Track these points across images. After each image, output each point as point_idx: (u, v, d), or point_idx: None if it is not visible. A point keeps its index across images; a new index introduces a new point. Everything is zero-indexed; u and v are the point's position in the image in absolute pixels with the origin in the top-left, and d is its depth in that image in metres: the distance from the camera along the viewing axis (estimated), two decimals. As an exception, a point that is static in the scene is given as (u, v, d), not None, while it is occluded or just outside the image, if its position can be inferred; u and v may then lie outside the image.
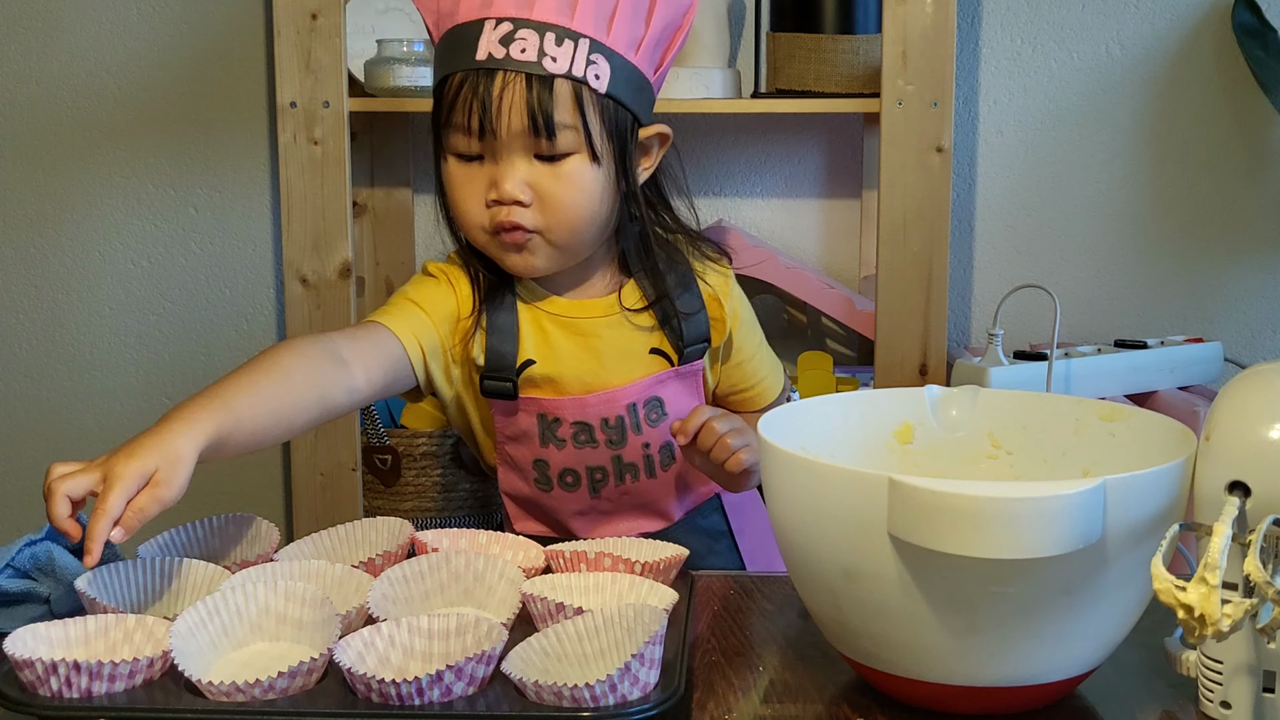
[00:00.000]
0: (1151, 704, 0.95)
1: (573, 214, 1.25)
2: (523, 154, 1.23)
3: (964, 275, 2.20)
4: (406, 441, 1.98)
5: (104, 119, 2.22)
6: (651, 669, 0.87)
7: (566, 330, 1.32)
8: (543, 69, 1.20)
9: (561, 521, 1.38)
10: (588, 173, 1.24)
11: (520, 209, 1.24)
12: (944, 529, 0.82)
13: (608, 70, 1.23)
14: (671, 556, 1.07)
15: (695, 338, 1.35)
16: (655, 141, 1.31)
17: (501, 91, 1.21)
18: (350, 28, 1.91)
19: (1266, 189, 2.15)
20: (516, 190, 1.23)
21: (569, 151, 1.23)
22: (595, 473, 1.34)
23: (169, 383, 2.28)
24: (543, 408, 1.31)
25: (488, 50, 1.21)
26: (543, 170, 1.24)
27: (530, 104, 1.21)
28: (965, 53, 2.14)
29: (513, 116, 1.21)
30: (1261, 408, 0.87)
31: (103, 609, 0.97)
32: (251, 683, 0.86)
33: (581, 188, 1.24)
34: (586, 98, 1.22)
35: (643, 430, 1.33)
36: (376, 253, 2.23)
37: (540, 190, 1.24)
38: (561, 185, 1.24)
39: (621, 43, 1.24)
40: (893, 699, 0.94)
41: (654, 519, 1.39)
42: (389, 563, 1.07)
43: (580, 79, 1.22)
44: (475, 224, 1.27)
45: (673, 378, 1.34)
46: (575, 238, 1.27)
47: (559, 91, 1.21)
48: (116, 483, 0.96)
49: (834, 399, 1.11)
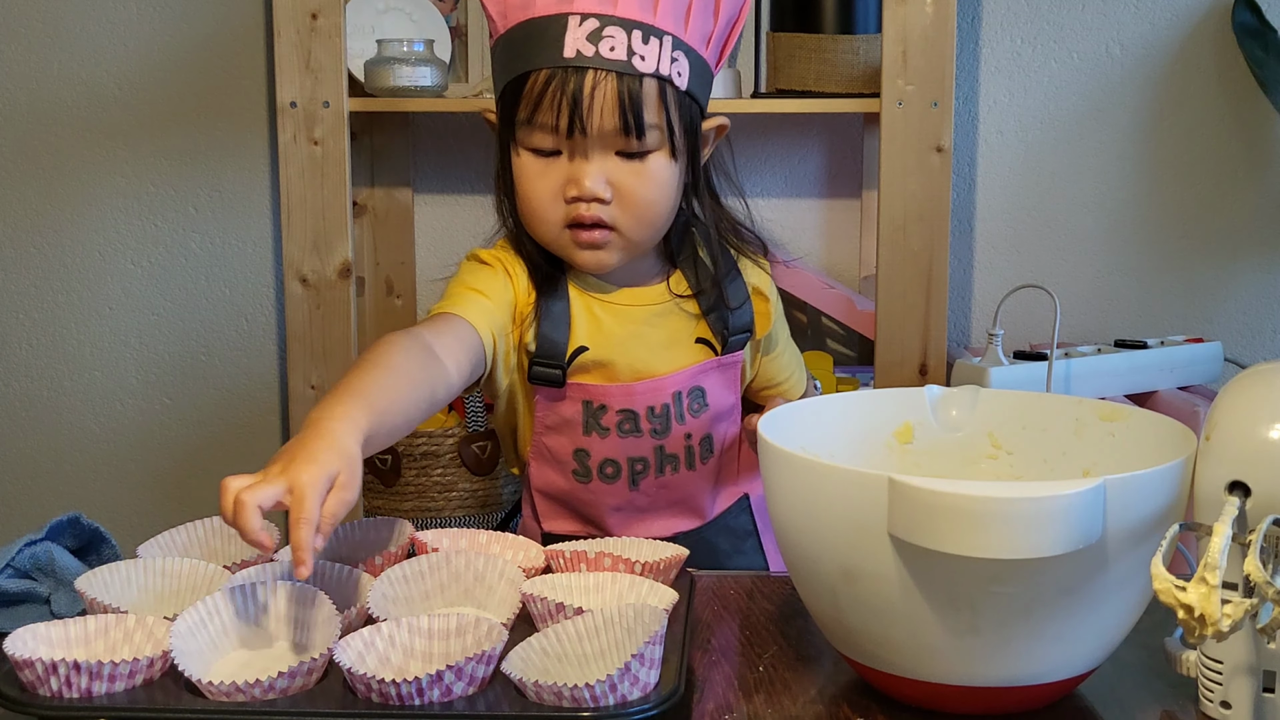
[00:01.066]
0: (1151, 704, 0.95)
1: (651, 210, 1.26)
2: (605, 151, 1.23)
3: (964, 275, 2.20)
4: (406, 441, 1.98)
5: (104, 119, 2.22)
6: (651, 669, 0.87)
7: (619, 318, 1.32)
8: (632, 68, 1.21)
9: (596, 518, 1.36)
10: (667, 169, 1.25)
11: (600, 205, 1.24)
12: (944, 529, 0.82)
13: (687, 67, 1.24)
14: (671, 556, 1.07)
15: (740, 327, 1.35)
16: (713, 133, 1.33)
17: (593, 90, 1.21)
18: (350, 28, 1.91)
19: (1266, 189, 2.15)
20: (599, 188, 1.23)
21: (653, 149, 1.24)
22: (636, 464, 1.33)
23: (169, 383, 2.28)
24: (589, 394, 1.31)
25: (575, 47, 1.21)
26: (623, 167, 1.24)
27: (622, 103, 1.21)
28: (965, 53, 2.14)
29: (604, 116, 1.21)
30: (1261, 408, 0.87)
31: (103, 609, 0.97)
32: (251, 683, 0.86)
33: (660, 184, 1.25)
34: (670, 95, 1.23)
35: (685, 420, 1.34)
36: (376, 253, 2.23)
37: (620, 187, 1.24)
38: (642, 182, 1.24)
39: (696, 38, 1.25)
40: (893, 699, 0.94)
41: (688, 517, 1.38)
42: (389, 563, 1.07)
43: (665, 77, 1.22)
44: (549, 219, 1.27)
45: (715, 368, 1.35)
46: (651, 233, 1.28)
47: (647, 90, 1.22)
48: (309, 490, 0.94)
49: (834, 399, 1.11)
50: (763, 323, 1.38)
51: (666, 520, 1.37)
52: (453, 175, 2.24)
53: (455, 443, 1.97)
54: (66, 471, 2.31)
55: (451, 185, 2.25)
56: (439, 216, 2.25)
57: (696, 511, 1.38)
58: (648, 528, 1.36)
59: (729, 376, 1.37)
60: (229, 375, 2.28)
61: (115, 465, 2.30)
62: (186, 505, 2.28)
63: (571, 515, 1.38)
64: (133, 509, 2.30)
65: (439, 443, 1.98)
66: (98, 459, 2.30)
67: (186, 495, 2.30)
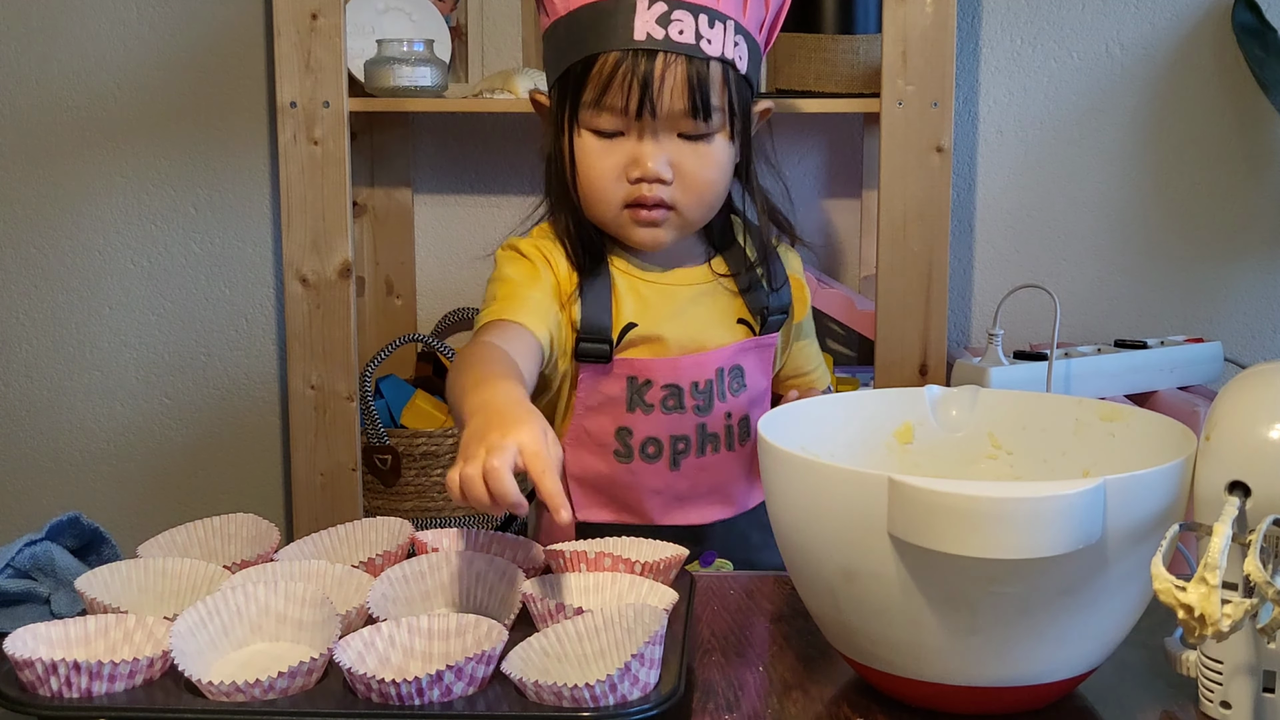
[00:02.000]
0: (1151, 704, 0.95)
1: (709, 191, 1.30)
2: (670, 133, 1.27)
3: (964, 275, 2.20)
4: (406, 441, 1.98)
5: (104, 119, 2.22)
6: (651, 669, 0.87)
7: (664, 297, 1.35)
8: (701, 51, 1.24)
9: (635, 503, 1.35)
10: (725, 151, 1.29)
11: (662, 185, 1.27)
12: (944, 529, 0.82)
13: (746, 51, 1.28)
14: (671, 556, 1.07)
15: (778, 308, 1.38)
16: (757, 116, 1.36)
17: (663, 73, 1.24)
18: (350, 28, 1.91)
19: (1266, 189, 2.15)
20: (663, 169, 1.27)
21: (715, 131, 1.28)
22: (679, 442, 1.34)
23: (169, 383, 2.28)
24: (634, 369, 1.32)
25: (646, 30, 1.24)
26: (686, 149, 1.27)
27: (691, 86, 1.24)
28: (965, 53, 2.14)
29: (674, 98, 1.24)
30: (1261, 408, 0.87)
31: (103, 609, 0.97)
32: (251, 683, 0.86)
33: (719, 165, 1.29)
34: (733, 79, 1.27)
35: (726, 398, 1.35)
36: (376, 253, 2.23)
37: (681, 168, 1.28)
38: (702, 163, 1.28)
39: (753, 23, 1.29)
40: (893, 699, 0.94)
41: (725, 505, 1.38)
42: (389, 563, 1.07)
43: (730, 61, 1.26)
44: (609, 199, 1.29)
45: (753, 349, 1.37)
46: (707, 213, 1.32)
47: (713, 74, 1.26)
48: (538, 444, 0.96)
49: (834, 399, 1.11)
50: (800, 307, 1.42)
51: (704, 508, 1.37)
52: (453, 175, 2.24)
53: (455, 443, 1.97)
54: (66, 471, 2.31)
55: (451, 185, 2.25)
56: (439, 216, 2.25)
57: (732, 499, 1.38)
58: (685, 514, 1.36)
59: (764, 359, 1.38)
60: (229, 375, 2.28)
61: (115, 465, 2.30)
62: (186, 505, 2.28)
63: (609, 503, 1.36)
64: (133, 509, 2.30)
65: (439, 443, 1.98)
66: (98, 459, 2.30)
67: (186, 495, 2.30)
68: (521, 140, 2.22)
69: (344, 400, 1.91)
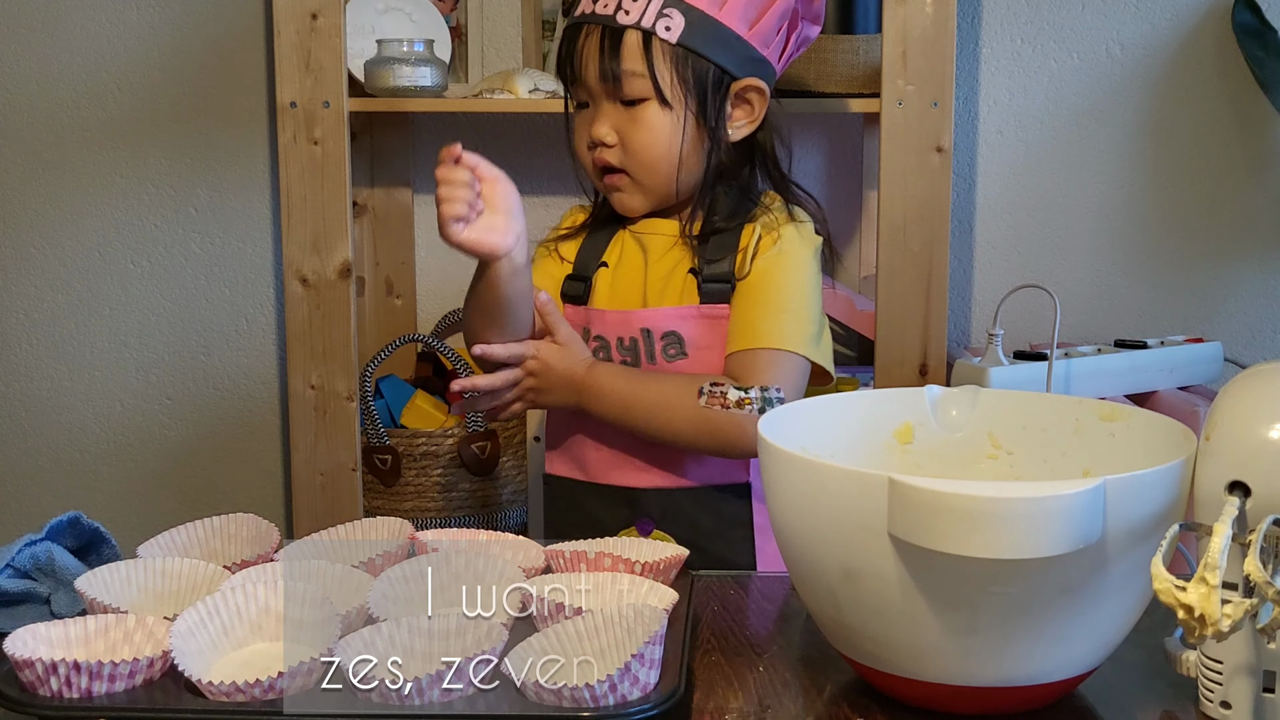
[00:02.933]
0: (1151, 704, 0.95)
1: (649, 154, 1.38)
2: (608, 100, 1.38)
3: (964, 275, 2.20)
4: (406, 441, 1.98)
5: (104, 119, 2.22)
6: (651, 669, 0.87)
7: (636, 246, 1.44)
8: (615, 22, 1.35)
9: (581, 457, 1.42)
10: (659, 117, 1.37)
11: (607, 150, 1.39)
12: (944, 529, 0.82)
13: (681, 23, 1.35)
14: (671, 556, 1.07)
15: (715, 276, 1.40)
16: (753, 95, 1.41)
17: (584, 42, 1.38)
18: (350, 28, 1.91)
19: (1266, 189, 2.15)
20: (603, 133, 1.38)
21: (641, 97, 1.37)
22: None
23: (169, 383, 2.28)
24: (582, 317, 1.42)
25: (583, 7, 1.39)
26: (624, 115, 1.38)
27: (600, 52, 1.36)
28: (965, 53, 2.14)
29: (589, 64, 1.37)
30: (1261, 408, 0.87)
31: (103, 609, 0.97)
32: (251, 683, 0.86)
33: (653, 130, 1.37)
34: (656, 47, 1.35)
35: (657, 361, 1.39)
36: (376, 253, 2.23)
37: (622, 133, 1.38)
38: (637, 128, 1.38)
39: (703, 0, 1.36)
40: (893, 699, 0.94)
41: (662, 473, 1.40)
42: (389, 563, 1.07)
43: (649, 30, 1.35)
44: (585, 164, 1.43)
45: (696, 316, 1.39)
46: (656, 177, 1.40)
47: (628, 41, 1.35)
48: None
49: (834, 399, 1.11)
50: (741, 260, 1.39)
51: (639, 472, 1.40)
52: (453, 175, 2.24)
53: (455, 443, 1.97)
54: (66, 471, 2.31)
55: (451, 185, 2.24)
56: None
57: (668, 468, 1.40)
58: (622, 475, 1.40)
59: (716, 332, 1.39)
60: (229, 375, 2.28)
61: (115, 465, 2.30)
62: (186, 505, 2.28)
63: (566, 455, 1.45)
64: (133, 509, 2.30)
65: (439, 443, 1.98)
66: (98, 459, 2.30)
67: (186, 495, 2.30)
68: (522, 140, 2.22)
69: (344, 400, 1.91)
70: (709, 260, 1.40)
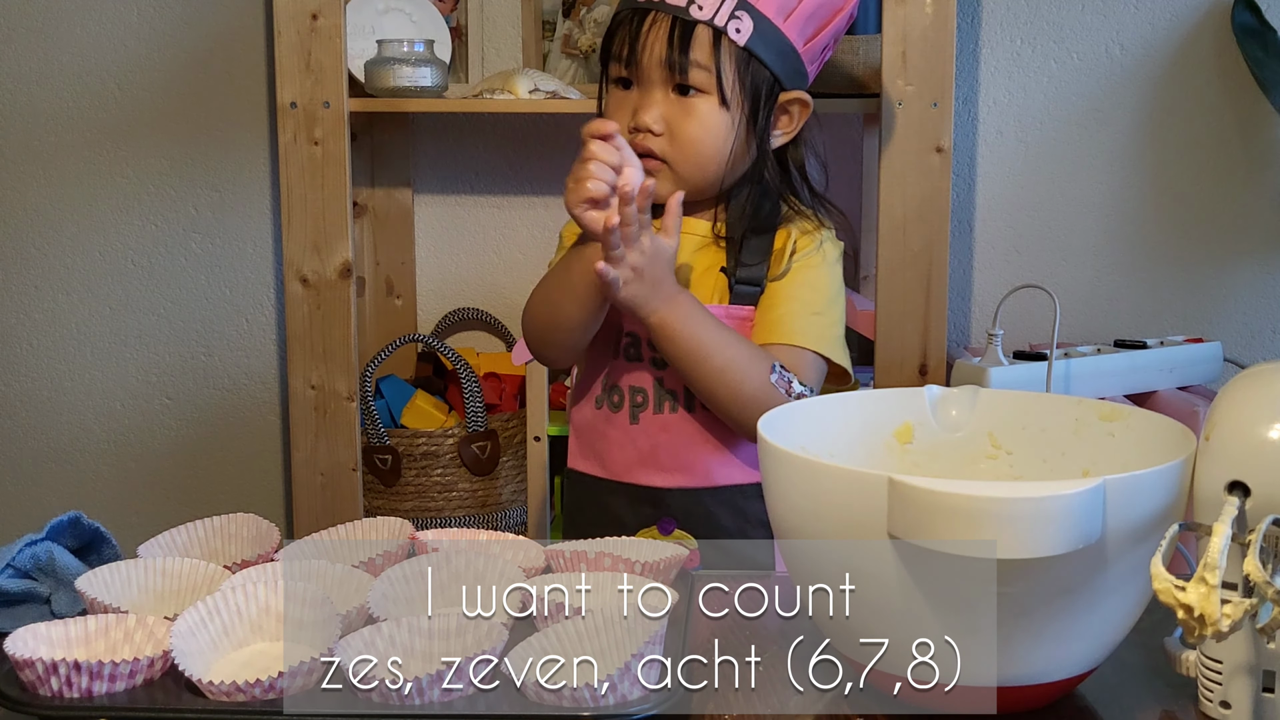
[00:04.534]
0: (1151, 704, 0.95)
1: (697, 149, 1.37)
2: (661, 88, 1.37)
3: (964, 275, 2.20)
4: (406, 441, 1.98)
5: (104, 119, 2.22)
6: (651, 669, 0.87)
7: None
8: (688, 14, 1.35)
9: (606, 455, 1.42)
10: (715, 114, 1.37)
11: (652, 138, 1.37)
12: (944, 529, 0.82)
13: (750, 27, 1.36)
14: (671, 556, 1.07)
15: (748, 278, 1.41)
16: (796, 108, 1.43)
17: (650, 28, 1.36)
18: (350, 28, 1.91)
19: (1266, 189, 2.15)
20: (651, 120, 1.37)
21: (700, 90, 1.36)
22: (637, 394, 1.40)
23: (169, 383, 2.28)
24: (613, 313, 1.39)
25: None
26: (677, 105, 1.37)
27: (670, 41, 1.35)
28: (965, 53, 2.14)
29: (655, 49, 1.36)
30: (1261, 408, 0.87)
31: (103, 609, 0.97)
32: (252, 682, 0.86)
33: (707, 127, 1.37)
34: (724, 46, 1.36)
35: None
36: (376, 253, 2.23)
37: (671, 123, 1.37)
38: (690, 121, 1.37)
39: (771, 8, 1.37)
40: (893, 699, 0.94)
41: (687, 474, 1.40)
42: (389, 563, 1.07)
43: (720, 28, 1.35)
44: None
45: (724, 316, 1.39)
46: (698, 171, 1.39)
47: (698, 35, 1.35)
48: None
49: (834, 399, 1.11)
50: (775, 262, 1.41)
51: (665, 472, 1.40)
52: (453, 175, 2.24)
53: (455, 443, 1.97)
54: (66, 471, 2.31)
55: (451, 185, 2.25)
56: (439, 216, 2.25)
57: (694, 469, 1.40)
58: (648, 475, 1.40)
59: (742, 331, 1.39)
60: (229, 375, 2.28)
61: (115, 465, 2.30)
62: (186, 505, 2.28)
63: (590, 453, 1.44)
64: (133, 509, 2.30)
65: (439, 443, 1.98)
66: (98, 459, 2.30)
67: (186, 495, 2.30)
68: (522, 140, 2.22)
69: (344, 400, 1.91)
70: (743, 263, 1.40)
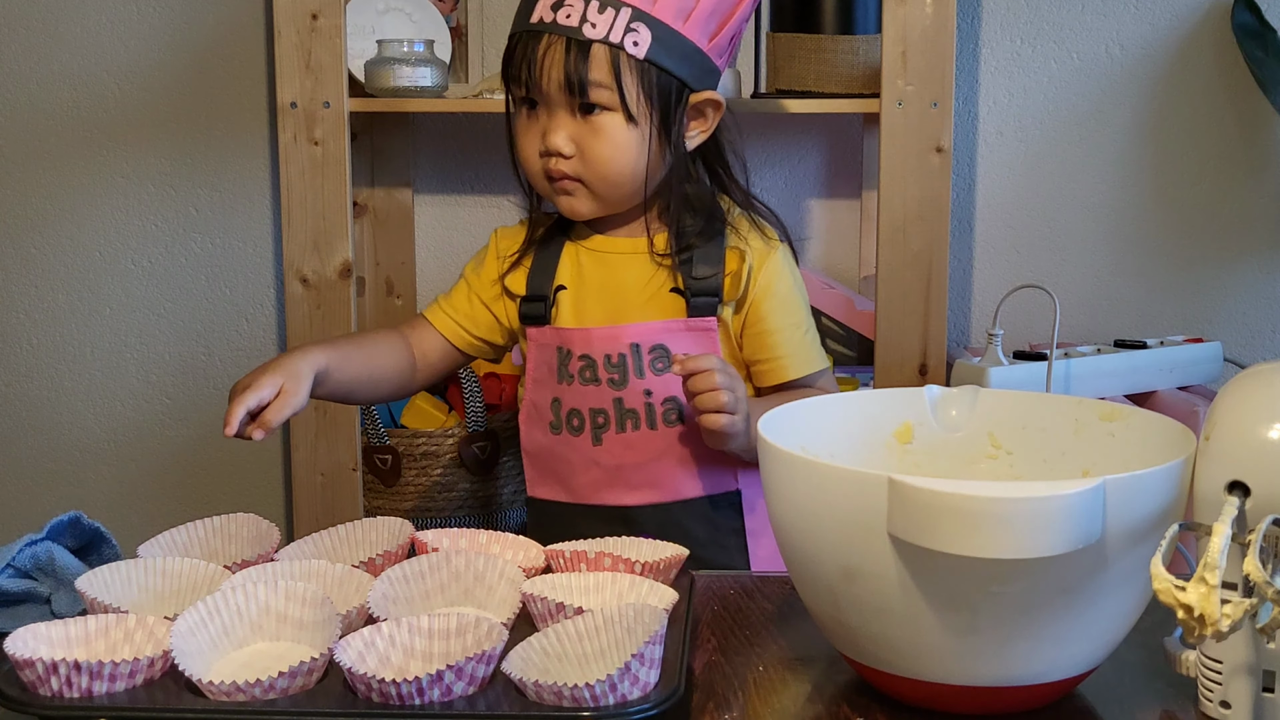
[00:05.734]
0: (1151, 704, 0.95)
1: (609, 167, 1.37)
2: (566, 110, 1.36)
3: (964, 275, 2.20)
4: (406, 441, 1.98)
5: (104, 119, 2.22)
6: (651, 669, 0.87)
7: (597, 264, 1.43)
8: (582, 34, 1.33)
9: (569, 479, 1.41)
10: (622, 131, 1.36)
11: (564, 160, 1.37)
12: (944, 529, 0.82)
13: (648, 38, 1.34)
14: (671, 556, 1.07)
15: (704, 289, 1.40)
16: (709, 108, 1.41)
17: (545, 52, 1.34)
18: (350, 28, 1.91)
19: (1266, 189, 2.15)
20: (560, 143, 1.36)
21: (605, 108, 1.35)
22: (598, 416, 1.39)
23: (169, 383, 2.28)
24: (561, 338, 1.40)
25: (540, 15, 1.35)
26: (583, 126, 1.36)
27: (567, 64, 1.33)
28: (965, 53, 2.14)
29: (553, 73, 1.34)
30: (1261, 408, 0.87)
31: (103, 609, 0.97)
32: (252, 682, 0.86)
33: (616, 144, 1.36)
34: (624, 62, 1.34)
35: (645, 375, 1.38)
36: (376, 253, 2.23)
37: (581, 144, 1.37)
38: (599, 140, 1.36)
39: (669, 13, 1.34)
40: (893, 699, 0.94)
41: (656, 489, 1.40)
42: (389, 563, 1.07)
43: (617, 45, 1.33)
44: (532, 170, 1.41)
45: (684, 329, 1.39)
46: (614, 188, 1.39)
47: (595, 55, 1.33)
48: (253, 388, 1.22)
49: (834, 399, 1.11)
50: (731, 283, 1.41)
51: (634, 490, 1.40)
52: (453, 175, 2.24)
53: (455, 443, 1.98)
54: (66, 471, 2.31)
55: (451, 185, 2.25)
56: (439, 216, 2.25)
57: (662, 484, 1.40)
58: (616, 494, 1.40)
59: (703, 344, 1.40)
60: (229, 375, 2.28)
61: (115, 465, 2.30)
62: (186, 505, 2.28)
63: (551, 478, 1.44)
64: (133, 509, 2.30)
65: (439, 443, 1.98)
66: (98, 459, 2.30)
67: (186, 495, 2.30)
68: (521, 140, 2.22)
69: (344, 400, 1.91)
70: (695, 278, 1.40)
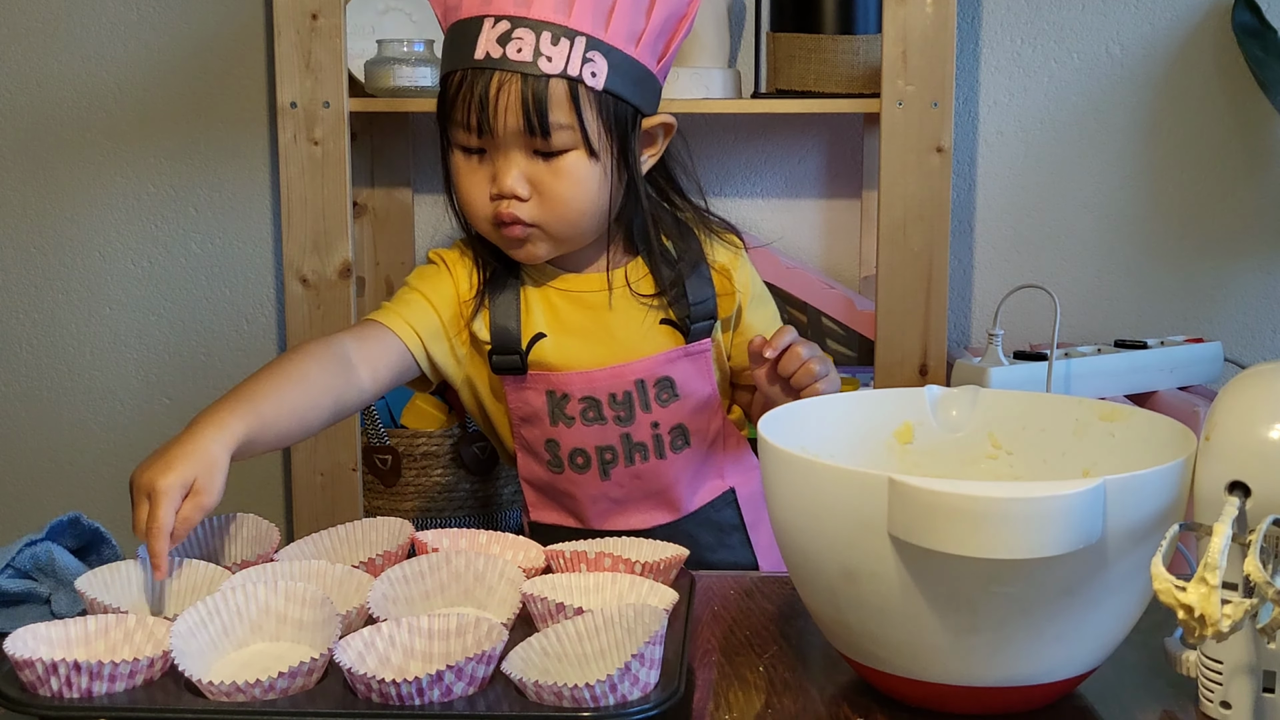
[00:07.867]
0: (1151, 704, 0.95)
1: (570, 208, 1.27)
2: (521, 150, 1.25)
3: (964, 275, 2.20)
4: (406, 441, 1.98)
5: (104, 119, 2.22)
6: (651, 669, 0.87)
7: (575, 305, 1.35)
8: (538, 69, 1.22)
9: (576, 509, 1.38)
10: (584, 167, 1.26)
11: (519, 203, 1.26)
12: (944, 529, 0.82)
13: (605, 67, 1.24)
14: (671, 556, 1.07)
15: (702, 315, 1.36)
16: (660, 131, 1.33)
17: (498, 91, 1.23)
18: (350, 28, 1.91)
19: (1266, 189, 2.15)
20: (516, 186, 1.25)
21: (566, 148, 1.25)
22: (605, 453, 1.35)
23: (169, 383, 2.28)
24: (551, 384, 1.33)
25: (485, 49, 1.23)
26: (541, 166, 1.25)
27: (525, 104, 1.22)
28: (965, 53, 2.14)
29: (509, 116, 1.23)
30: (1261, 408, 0.87)
31: (103, 609, 0.97)
32: (252, 683, 0.86)
33: (578, 182, 1.26)
34: (583, 95, 1.24)
35: (652, 409, 1.34)
36: (376, 253, 2.23)
37: (538, 185, 1.26)
38: (559, 181, 1.25)
39: (620, 37, 1.25)
40: (893, 699, 0.94)
41: (666, 509, 1.38)
42: (389, 563, 1.07)
43: (576, 78, 1.23)
44: (480, 215, 1.29)
45: (683, 357, 1.35)
46: (573, 229, 1.29)
47: (554, 91, 1.22)
48: (162, 498, 1.03)
49: (834, 399, 1.11)
50: (725, 303, 1.38)
51: (644, 513, 1.38)
52: (453, 175, 2.24)
53: (455, 443, 1.97)
54: (66, 471, 2.31)
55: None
56: (439, 216, 2.25)
57: (672, 504, 1.39)
58: (626, 519, 1.37)
59: (700, 366, 1.37)
60: (229, 375, 2.28)
61: (115, 465, 2.30)
62: (186, 505, 2.28)
63: (555, 506, 1.40)
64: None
65: (439, 443, 1.98)
66: (98, 459, 2.30)
67: (186, 495, 2.29)
68: (521, 140, 2.22)
69: (344, 400, 1.91)
70: (693, 304, 1.35)
